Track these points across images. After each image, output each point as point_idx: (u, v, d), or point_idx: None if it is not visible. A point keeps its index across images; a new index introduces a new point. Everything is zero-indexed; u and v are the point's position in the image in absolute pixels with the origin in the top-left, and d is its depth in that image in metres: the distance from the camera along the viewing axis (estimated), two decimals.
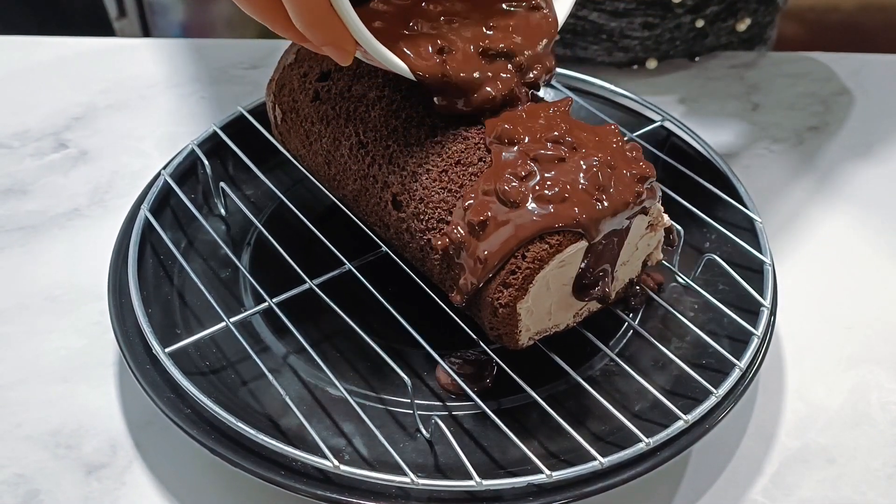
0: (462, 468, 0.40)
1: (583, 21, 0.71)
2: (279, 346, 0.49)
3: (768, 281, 0.50)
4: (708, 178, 0.57)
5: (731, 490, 0.45)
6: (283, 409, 0.45)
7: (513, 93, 0.45)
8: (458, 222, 0.43)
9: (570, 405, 0.46)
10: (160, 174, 0.55)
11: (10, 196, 0.61)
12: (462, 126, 0.46)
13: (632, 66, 0.75)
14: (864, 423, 0.49)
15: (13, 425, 0.47)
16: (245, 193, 0.59)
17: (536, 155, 0.42)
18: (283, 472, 0.41)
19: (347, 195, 0.51)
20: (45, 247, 0.58)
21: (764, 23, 0.78)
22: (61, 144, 0.66)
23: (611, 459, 0.41)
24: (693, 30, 0.73)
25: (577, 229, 0.41)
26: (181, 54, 0.76)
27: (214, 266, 0.54)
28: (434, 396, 0.47)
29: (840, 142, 0.69)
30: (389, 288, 0.48)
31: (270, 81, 0.55)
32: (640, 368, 0.47)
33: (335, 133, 0.50)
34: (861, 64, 0.77)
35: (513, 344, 0.44)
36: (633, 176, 0.43)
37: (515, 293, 0.41)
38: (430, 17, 0.46)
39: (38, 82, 0.73)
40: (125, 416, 0.48)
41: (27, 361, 0.50)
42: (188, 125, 0.68)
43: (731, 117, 0.71)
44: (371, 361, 0.48)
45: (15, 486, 0.44)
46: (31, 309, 0.53)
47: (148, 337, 0.45)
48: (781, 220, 0.61)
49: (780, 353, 0.52)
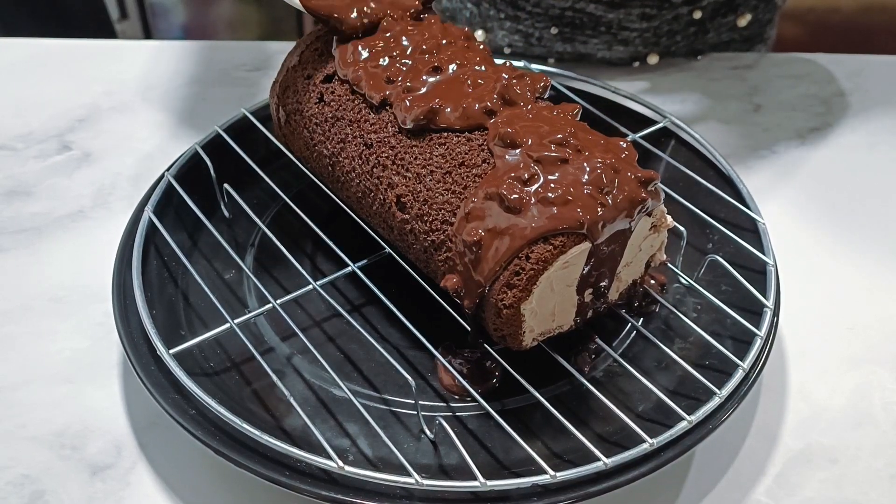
0: (466, 469, 0.40)
1: (580, 13, 0.71)
2: (283, 348, 0.49)
3: (771, 282, 0.50)
4: (710, 179, 0.57)
5: (735, 490, 0.46)
6: (288, 410, 0.45)
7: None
8: (458, 233, 0.43)
9: (574, 406, 0.46)
10: (164, 176, 0.55)
11: (14, 198, 0.62)
12: (466, 129, 0.46)
13: (633, 64, 0.75)
14: (866, 424, 0.49)
15: (18, 426, 0.47)
16: (248, 195, 0.58)
17: (540, 157, 0.42)
18: (288, 472, 0.41)
19: (351, 196, 0.51)
20: (50, 248, 0.58)
21: (764, 20, 0.78)
22: (65, 146, 0.66)
23: (615, 460, 0.41)
24: (692, 23, 0.73)
25: (581, 231, 0.41)
26: (184, 56, 0.77)
27: (218, 267, 0.54)
28: (438, 397, 0.47)
29: (841, 142, 0.69)
30: (393, 289, 0.48)
31: (274, 83, 0.55)
32: (644, 369, 0.47)
33: (339, 135, 0.50)
34: (862, 65, 0.77)
35: (516, 345, 0.44)
36: (637, 178, 0.43)
37: (519, 294, 0.42)
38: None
39: (41, 84, 0.73)
40: (129, 417, 0.48)
41: (32, 362, 0.50)
42: (191, 127, 0.68)
43: (733, 118, 0.71)
44: (375, 362, 0.48)
45: (20, 486, 0.44)
46: (35, 310, 0.53)
47: (152, 338, 0.45)
48: (784, 220, 0.61)
49: (783, 353, 0.52)
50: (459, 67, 0.48)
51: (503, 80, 0.46)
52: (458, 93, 0.46)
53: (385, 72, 0.48)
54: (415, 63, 0.48)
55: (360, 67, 0.49)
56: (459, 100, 0.46)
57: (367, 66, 0.49)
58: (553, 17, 0.72)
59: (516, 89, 0.47)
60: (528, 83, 0.47)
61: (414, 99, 0.46)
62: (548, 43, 0.74)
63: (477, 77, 0.47)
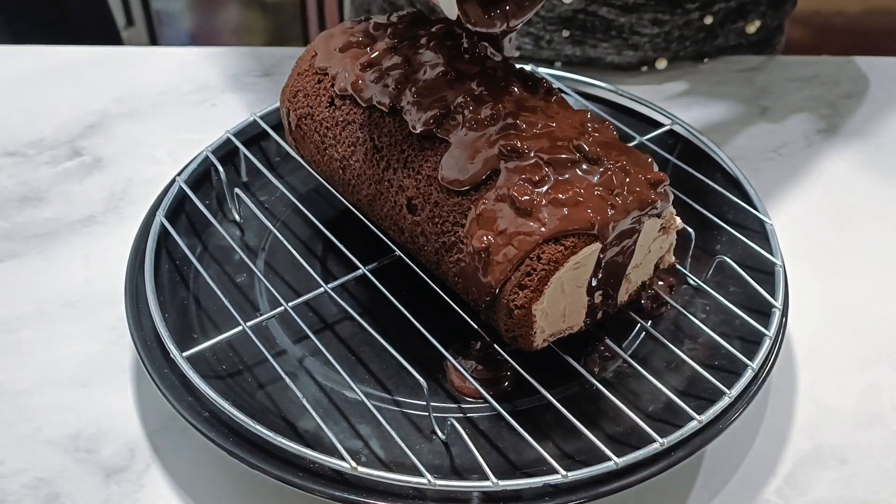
0: (478, 469, 0.41)
1: (592, 17, 0.71)
2: (295, 350, 0.49)
3: (779, 282, 0.50)
4: (718, 181, 0.57)
5: (745, 490, 0.46)
6: (300, 412, 0.45)
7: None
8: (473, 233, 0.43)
9: (585, 406, 0.46)
10: (175, 180, 0.56)
11: (26, 204, 0.62)
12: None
13: (641, 68, 0.76)
14: (876, 424, 0.49)
15: (33, 429, 0.47)
16: (259, 199, 0.59)
17: (551, 159, 0.43)
18: (301, 473, 0.41)
19: (362, 199, 0.51)
20: (62, 253, 0.58)
21: (772, 27, 0.78)
22: (76, 152, 0.67)
23: (625, 459, 0.41)
24: (702, 28, 0.73)
25: (592, 232, 0.41)
26: (193, 62, 0.77)
27: (230, 271, 0.54)
28: (449, 398, 0.47)
29: (848, 144, 0.69)
30: (403, 291, 0.48)
31: (284, 88, 0.55)
32: (654, 370, 0.47)
33: (350, 138, 0.50)
34: (868, 67, 0.77)
35: (528, 345, 0.44)
36: (647, 180, 0.43)
37: (531, 295, 0.42)
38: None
39: (52, 91, 0.74)
40: (143, 419, 0.48)
41: (46, 367, 0.51)
42: (201, 132, 0.68)
43: (740, 120, 0.71)
44: (386, 364, 0.48)
45: (35, 489, 0.45)
46: (49, 315, 0.54)
47: (165, 341, 0.46)
48: (792, 222, 0.61)
49: (792, 354, 0.53)
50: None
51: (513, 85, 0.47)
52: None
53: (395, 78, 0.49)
54: (424, 69, 0.48)
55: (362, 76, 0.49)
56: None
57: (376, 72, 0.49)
58: (565, 21, 0.72)
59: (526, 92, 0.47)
60: (542, 85, 0.48)
61: (423, 103, 0.47)
62: (557, 46, 0.74)
63: (488, 80, 0.47)
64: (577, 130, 0.45)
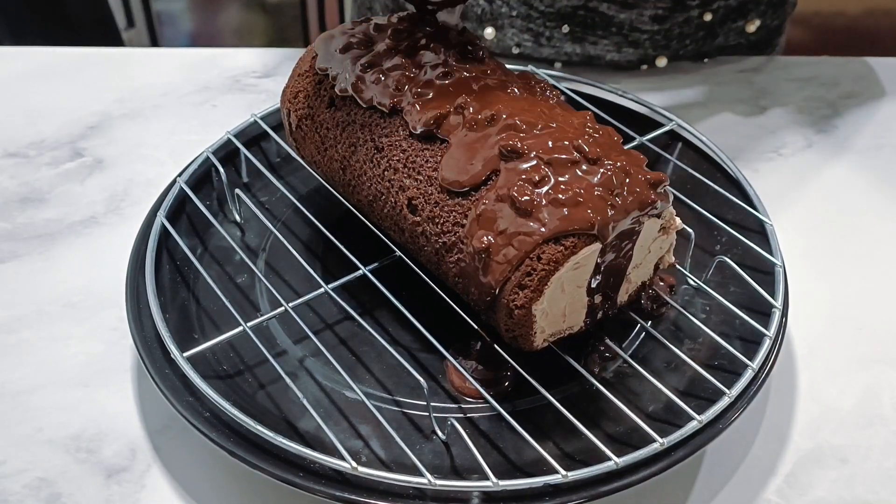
0: (478, 469, 0.41)
1: (592, 13, 0.71)
2: (296, 350, 0.49)
3: (779, 282, 0.50)
4: (718, 181, 0.57)
5: (745, 490, 0.46)
6: (301, 412, 0.45)
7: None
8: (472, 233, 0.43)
9: (585, 407, 0.46)
10: (176, 181, 0.56)
11: (27, 204, 0.62)
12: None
13: (641, 67, 0.76)
14: (876, 423, 0.49)
15: (35, 430, 0.48)
16: (260, 200, 0.59)
17: (550, 159, 0.43)
18: (302, 473, 0.41)
19: (362, 200, 0.51)
20: (63, 254, 0.58)
21: (772, 27, 0.78)
22: (77, 153, 0.67)
23: (625, 459, 0.41)
24: (702, 26, 0.74)
25: (592, 232, 0.41)
26: (193, 63, 0.77)
27: (230, 271, 0.54)
28: (450, 398, 0.47)
29: (848, 145, 0.69)
30: (404, 292, 0.48)
31: (285, 89, 0.55)
32: (654, 370, 0.47)
33: (351, 139, 0.50)
34: (868, 67, 0.78)
35: (528, 345, 0.44)
36: (647, 180, 0.43)
37: (531, 295, 0.42)
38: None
39: (53, 92, 0.74)
40: (144, 420, 0.48)
41: (47, 367, 0.51)
42: (201, 133, 0.69)
43: (740, 121, 0.71)
44: (387, 364, 0.49)
45: (37, 489, 0.45)
46: (50, 315, 0.54)
47: (166, 341, 0.46)
48: (792, 222, 0.61)
49: (792, 354, 0.53)
50: (470, 73, 0.48)
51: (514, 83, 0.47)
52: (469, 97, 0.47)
53: (395, 80, 0.49)
54: (425, 70, 0.49)
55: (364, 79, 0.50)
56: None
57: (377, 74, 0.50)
58: (565, 16, 0.72)
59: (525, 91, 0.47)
60: (542, 86, 0.48)
61: (424, 104, 0.47)
62: (557, 43, 0.74)
63: (487, 81, 0.48)
64: (577, 131, 0.45)
